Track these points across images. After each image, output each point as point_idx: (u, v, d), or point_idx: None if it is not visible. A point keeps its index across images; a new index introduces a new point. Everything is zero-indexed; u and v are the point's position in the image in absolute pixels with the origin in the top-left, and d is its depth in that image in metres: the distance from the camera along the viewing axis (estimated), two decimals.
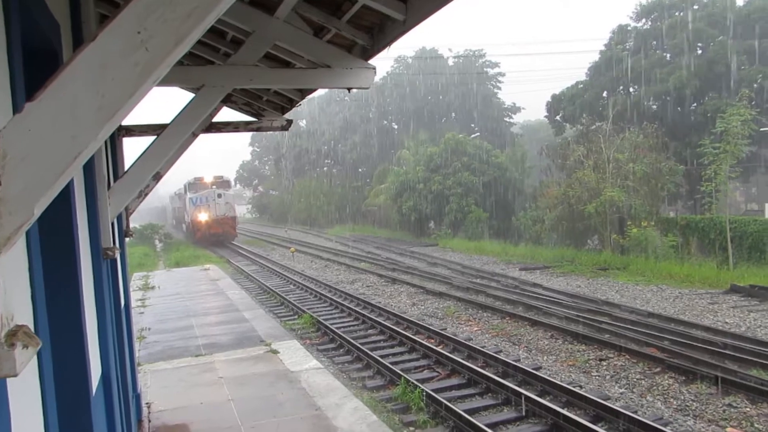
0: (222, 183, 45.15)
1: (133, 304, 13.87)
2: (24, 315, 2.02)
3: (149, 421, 7.61)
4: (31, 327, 2.10)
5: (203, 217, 41.90)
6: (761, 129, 28.50)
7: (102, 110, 1.17)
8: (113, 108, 1.18)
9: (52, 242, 2.94)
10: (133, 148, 6.14)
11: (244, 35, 4.59)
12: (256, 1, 3.93)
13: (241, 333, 12.51)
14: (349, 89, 4.33)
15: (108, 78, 1.16)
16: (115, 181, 5.53)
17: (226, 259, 32.63)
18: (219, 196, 42.18)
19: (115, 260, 5.80)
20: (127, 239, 7.88)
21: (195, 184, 44.50)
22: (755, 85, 31.87)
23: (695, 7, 37.95)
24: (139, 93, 1.20)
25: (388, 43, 3.98)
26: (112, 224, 5.27)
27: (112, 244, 4.80)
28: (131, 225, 8.19)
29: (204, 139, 6.60)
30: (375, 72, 4.23)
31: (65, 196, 3.02)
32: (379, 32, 4.06)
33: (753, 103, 25.48)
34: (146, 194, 6.34)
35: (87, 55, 1.16)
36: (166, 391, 8.80)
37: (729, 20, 34.15)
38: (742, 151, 22.87)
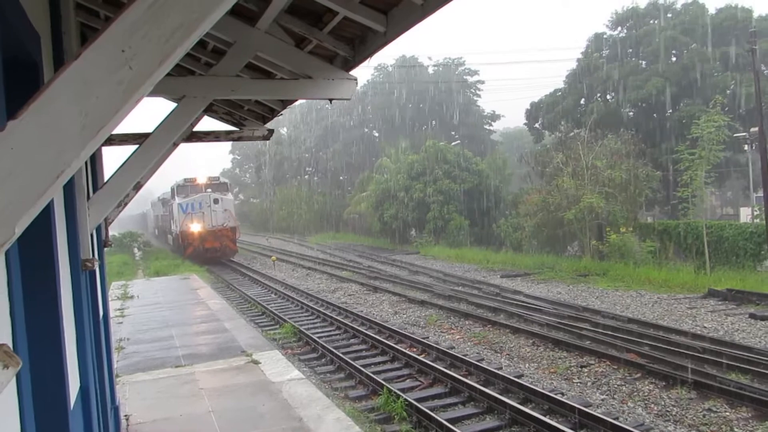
0: (218, 186, 37.05)
1: (112, 314, 13.69)
2: (2, 330, 2.00)
3: None
4: (10, 343, 2.07)
5: (196, 227, 34.36)
6: (735, 135, 29.06)
7: (86, 129, 1.16)
8: (97, 126, 1.17)
9: (30, 255, 2.90)
10: (112, 157, 6.08)
11: (226, 45, 4.58)
12: (237, 11, 3.92)
13: (221, 343, 12.40)
14: (330, 100, 4.34)
15: (92, 96, 1.16)
16: (94, 191, 5.48)
17: (207, 268, 32.36)
18: (215, 201, 34.73)
19: (94, 271, 5.73)
20: (105, 249, 7.79)
21: (185, 187, 36.35)
22: (728, 92, 32.51)
23: (669, 15, 38.66)
24: (123, 111, 1.19)
25: (370, 54, 4.01)
26: (92, 235, 5.21)
27: (91, 256, 4.75)
28: (110, 233, 8.11)
29: (183, 147, 6.53)
30: (356, 83, 4.24)
31: (44, 207, 2.98)
32: (361, 43, 4.07)
33: (726, 109, 25.97)
34: (126, 204, 6.28)
35: (70, 73, 1.15)
36: (145, 403, 8.68)
37: (702, 28, 34.85)
38: (717, 157, 23.28)
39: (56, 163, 1.17)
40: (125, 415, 8.03)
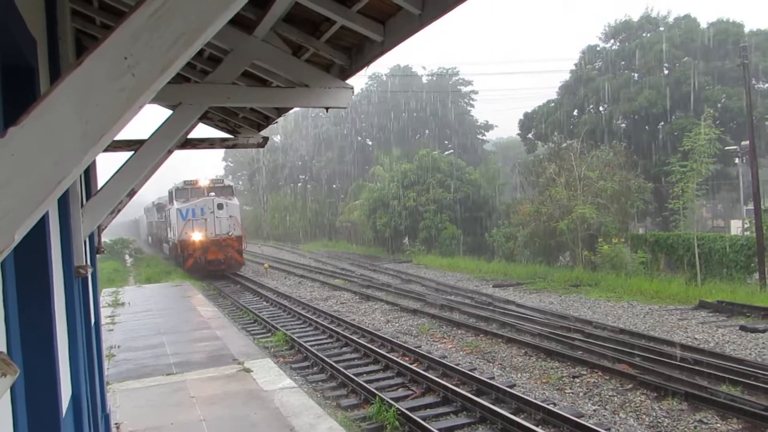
0: (222, 189, 32.53)
1: (103, 321, 13.60)
2: None
3: None
4: (5, 350, 2.05)
5: (197, 236, 29.99)
6: (726, 148, 29.27)
7: (86, 136, 1.16)
8: (98, 134, 1.17)
9: (25, 262, 2.88)
10: (105, 163, 6.06)
11: (222, 53, 4.59)
12: (234, 20, 3.93)
13: (213, 351, 12.33)
14: (327, 108, 4.34)
15: (93, 104, 1.15)
16: (88, 198, 5.45)
17: (199, 276, 32.18)
18: (220, 207, 30.39)
19: (87, 277, 5.70)
20: (98, 255, 7.75)
21: (185, 191, 31.79)
22: (719, 105, 32.80)
23: (661, 28, 38.99)
24: (125, 118, 1.19)
25: (367, 63, 4.02)
26: (85, 241, 5.18)
27: (84, 262, 4.72)
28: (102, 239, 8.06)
29: (175, 154, 6.51)
30: (353, 91, 4.25)
31: None
32: (357, 53, 4.09)
33: (717, 122, 26.18)
34: (120, 211, 6.26)
35: (72, 80, 1.15)
36: (136, 411, 8.62)
37: (694, 42, 35.17)
38: (707, 169, 23.43)
39: (56, 170, 1.16)
40: (116, 423, 7.96)
